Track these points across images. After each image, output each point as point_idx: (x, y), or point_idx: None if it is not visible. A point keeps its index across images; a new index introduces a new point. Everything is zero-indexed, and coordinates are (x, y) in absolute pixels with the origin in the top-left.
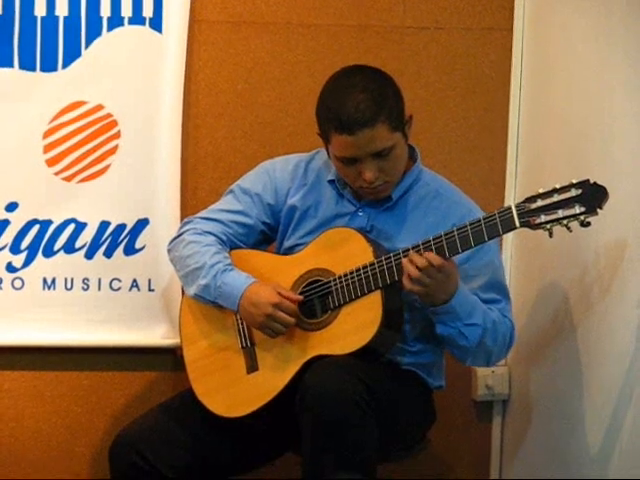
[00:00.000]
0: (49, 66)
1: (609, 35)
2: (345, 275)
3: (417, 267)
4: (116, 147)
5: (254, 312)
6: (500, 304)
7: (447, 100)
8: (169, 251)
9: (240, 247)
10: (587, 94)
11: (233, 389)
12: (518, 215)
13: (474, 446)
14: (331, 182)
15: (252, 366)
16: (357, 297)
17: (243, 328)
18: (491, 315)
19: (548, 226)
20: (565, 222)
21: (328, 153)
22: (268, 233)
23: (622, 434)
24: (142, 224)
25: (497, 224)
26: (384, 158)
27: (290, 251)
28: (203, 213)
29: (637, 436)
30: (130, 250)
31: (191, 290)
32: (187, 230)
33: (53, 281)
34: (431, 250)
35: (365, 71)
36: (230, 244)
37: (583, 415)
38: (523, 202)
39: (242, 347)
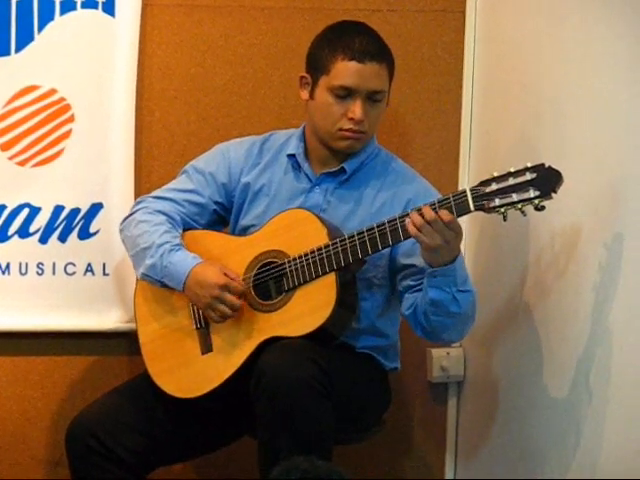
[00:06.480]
0: (2, 50)
1: (562, 16)
2: (300, 257)
3: (425, 219)
4: (70, 131)
5: (200, 293)
6: None
7: (400, 82)
8: (121, 231)
9: (194, 227)
10: (540, 75)
11: (187, 370)
12: (473, 199)
13: (430, 427)
14: (291, 156)
15: (206, 347)
16: (312, 279)
17: (197, 309)
18: None
19: (502, 210)
20: (519, 206)
21: (311, 95)
22: (221, 213)
23: (579, 417)
24: (96, 208)
25: (452, 207)
26: (373, 104)
27: (245, 231)
28: (156, 192)
29: (594, 420)
30: (84, 234)
31: (139, 270)
32: (139, 209)
33: (7, 266)
34: (385, 232)
35: (368, 25)
36: (183, 223)
37: (539, 397)
38: (478, 185)
39: (196, 328)
